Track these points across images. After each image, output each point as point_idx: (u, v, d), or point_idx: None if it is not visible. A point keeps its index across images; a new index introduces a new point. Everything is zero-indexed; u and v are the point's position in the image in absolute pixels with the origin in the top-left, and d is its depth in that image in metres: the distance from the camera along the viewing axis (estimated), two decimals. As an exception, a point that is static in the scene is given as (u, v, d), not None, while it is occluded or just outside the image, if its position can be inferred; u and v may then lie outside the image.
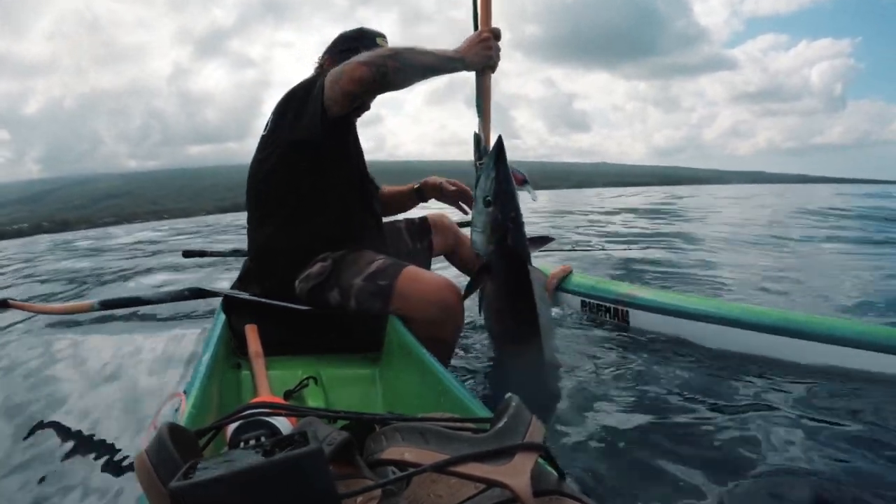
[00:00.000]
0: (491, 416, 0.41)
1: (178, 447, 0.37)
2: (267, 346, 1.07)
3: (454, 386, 0.80)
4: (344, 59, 1.25)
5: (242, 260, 1.65)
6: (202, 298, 1.69)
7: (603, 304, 1.88)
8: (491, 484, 0.35)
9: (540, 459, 0.37)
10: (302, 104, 1.27)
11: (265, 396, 0.83)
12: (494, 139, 1.31)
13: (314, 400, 0.96)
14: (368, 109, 1.47)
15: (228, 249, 2.69)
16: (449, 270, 1.80)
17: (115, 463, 1.07)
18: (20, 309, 1.64)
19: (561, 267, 2.23)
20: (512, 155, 1.31)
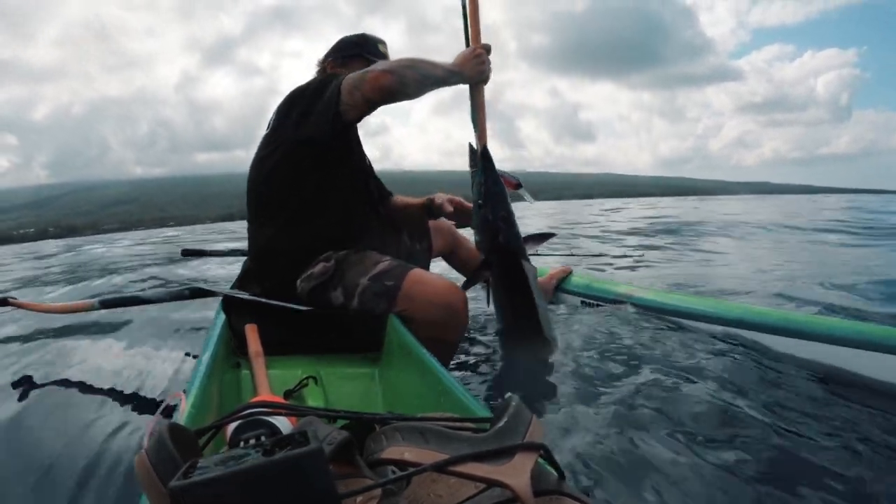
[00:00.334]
0: (491, 416, 0.40)
1: (177, 446, 0.37)
2: (267, 345, 1.07)
3: (454, 386, 0.80)
4: (349, 64, 1.27)
5: (242, 260, 1.66)
6: (202, 298, 1.69)
7: (603, 303, 1.88)
8: (491, 484, 0.34)
9: (540, 459, 0.37)
10: (310, 103, 1.27)
11: (265, 396, 0.83)
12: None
13: (314, 400, 0.96)
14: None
15: (227, 249, 2.69)
16: (449, 272, 1.80)
17: (114, 462, 1.06)
18: (20, 307, 1.63)
19: (561, 267, 2.23)
20: (517, 165, 1.35)
